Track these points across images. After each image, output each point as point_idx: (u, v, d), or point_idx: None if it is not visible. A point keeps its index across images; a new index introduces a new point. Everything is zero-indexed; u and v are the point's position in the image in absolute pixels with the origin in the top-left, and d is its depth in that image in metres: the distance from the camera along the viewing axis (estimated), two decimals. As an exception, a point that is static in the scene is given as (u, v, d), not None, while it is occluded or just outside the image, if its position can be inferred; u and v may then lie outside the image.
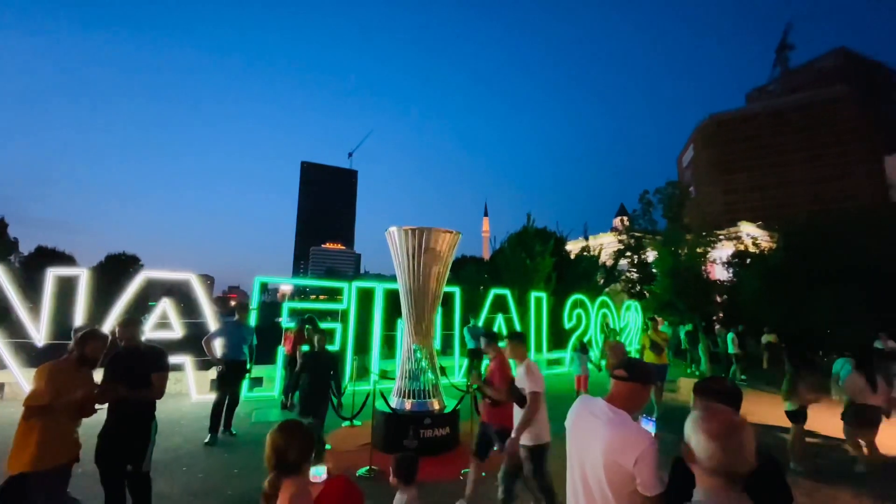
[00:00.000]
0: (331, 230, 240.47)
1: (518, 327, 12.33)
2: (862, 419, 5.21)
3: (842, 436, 5.60)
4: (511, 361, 3.86)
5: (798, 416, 5.47)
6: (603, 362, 10.15)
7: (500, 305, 12.50)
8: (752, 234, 24.82)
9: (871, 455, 5.23)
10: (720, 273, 22.03)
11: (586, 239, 23.95)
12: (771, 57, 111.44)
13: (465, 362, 10.41)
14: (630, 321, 16.48)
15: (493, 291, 12.22)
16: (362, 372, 9.52)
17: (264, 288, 11.37)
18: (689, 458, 1.19)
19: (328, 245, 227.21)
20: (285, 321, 8.71)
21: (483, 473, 4.18)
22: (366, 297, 9.57)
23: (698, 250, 13.29)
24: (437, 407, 5.70)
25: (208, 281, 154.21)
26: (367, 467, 4.48)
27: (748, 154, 79.08)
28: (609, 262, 23.42)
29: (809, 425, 5.72)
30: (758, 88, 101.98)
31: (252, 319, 7.84)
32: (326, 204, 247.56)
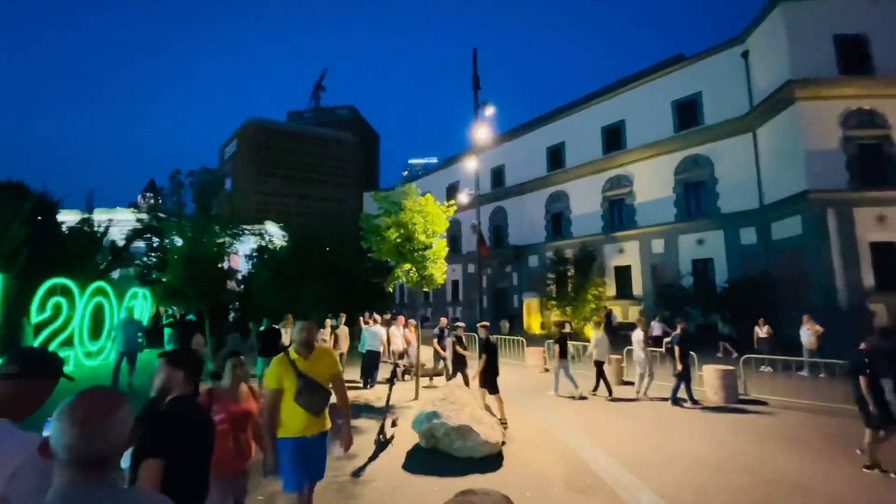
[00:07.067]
0: None
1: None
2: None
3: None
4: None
5: (214, 376, 7.57)
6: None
7: None
8: (272, 232, 28.32)
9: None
10: (243, 264, 23.66)
11: (90, 211, 19.22)
12: (310, 89, 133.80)
13: None
14: (136, 311, 14.57)
15: None
16: None
17: None
18: (44, 453, 1.04)
19: None
20: None
21: None
22: None
23: (221, 241, 13.68)
24: None
25: None
26: None
27: (283, 164, 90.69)
28: (121, 243, 20.05)
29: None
30: (298, 111, 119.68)
31: None
32: None
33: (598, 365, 9.39)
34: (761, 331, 12.49)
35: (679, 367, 8.28)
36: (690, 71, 21.72)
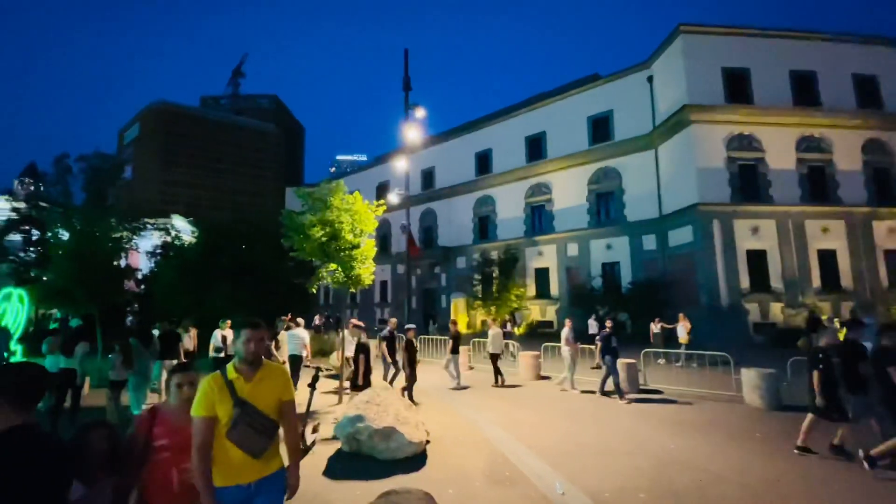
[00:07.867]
0: None
1: None
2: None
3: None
4: None
5: (115, 385, 7.12)
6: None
7: None
8: (180, 227, 25.88)
9: None
10: (145, 262, 21.29)
11: (-55, 196, 16.19)
12: (228, 75, 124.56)
13: None
14: (10, 315, 12.47)
15: None
16: None
17: None
18: None
19: None
20: None
21: None
22: None
23: (116, 235, 12.21)
24: None
25: None
26: None
27: (194, 152, 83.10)
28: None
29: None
30: (213, 97, 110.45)
31: None
32: None
33: (493, 357, 10.43)
34: (656, 327, 13.92)
35: (598, 360, 9.08)
36: (604, 90, 23.67)
